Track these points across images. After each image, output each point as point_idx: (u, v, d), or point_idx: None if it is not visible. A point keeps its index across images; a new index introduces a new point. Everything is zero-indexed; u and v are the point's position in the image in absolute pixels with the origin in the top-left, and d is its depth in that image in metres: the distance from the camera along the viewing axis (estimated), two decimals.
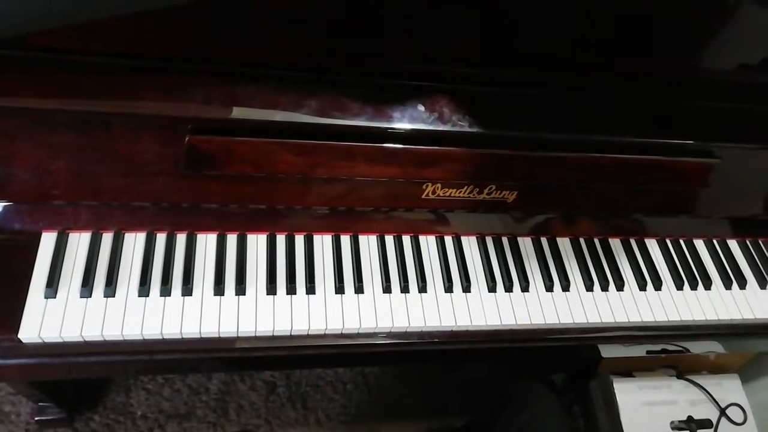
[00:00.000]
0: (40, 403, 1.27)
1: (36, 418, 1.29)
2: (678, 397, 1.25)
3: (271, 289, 0.83)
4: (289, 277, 0.84)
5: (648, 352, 1.27)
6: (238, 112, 0.76)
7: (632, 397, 1.23)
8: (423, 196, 0.87)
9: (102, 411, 1.35)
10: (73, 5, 0.58)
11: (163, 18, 0.69)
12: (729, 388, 1.27)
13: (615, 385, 1.24)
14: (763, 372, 1.32)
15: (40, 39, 0.69)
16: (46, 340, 0.75)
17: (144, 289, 0.80)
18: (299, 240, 0.88)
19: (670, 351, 1.29)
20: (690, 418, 1.23)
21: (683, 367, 1.29)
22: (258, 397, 1.43)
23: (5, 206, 0.79)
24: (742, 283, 0.99)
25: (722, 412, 1.24)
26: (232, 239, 0.86)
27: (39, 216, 0.81)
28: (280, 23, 0.73)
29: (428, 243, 0.92)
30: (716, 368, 1.30)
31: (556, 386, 1.46)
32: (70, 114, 0.73)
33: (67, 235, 0.81)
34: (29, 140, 0.74)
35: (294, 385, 1.46)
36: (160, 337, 0.78)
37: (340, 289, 0.85)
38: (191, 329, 0.78)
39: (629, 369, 1.28)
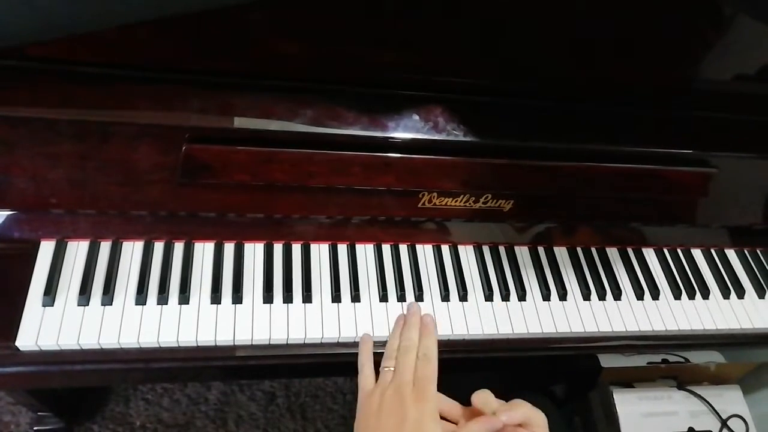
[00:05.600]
0: (39, 413, 1.27)
1: (35, 428, 1.29)
2: (678, 408, 1.24)
3: (268, 297, 0.83)
4: (285, 286, 0.84)
5: (648, 362, 1.27)
6: (234, 122, 0.77)
7: (632, 408, 1.23)
8: (419, 205, 0.87)
9: (101, 421, 1.35)
10: (71, 17, 0.59)
11: (160, 29, 0.70)
12: (730, 399, 1.26)
13: (615, 396, 1.23)
14: (765, 383, 1.31)
15: (39, 49, 0.70)
16: (43, 348, 0.75)
17: (141, 297, 0.80)
18: (296, 249, 0.88)
19: (670, 361, 1.28)
20: (691, 429, 1.22)
21: (684, 378, 1.28)
22: (257, 408, 1.42)
23: (4, 215, 0.80)
24: (741, 293, 0.99)
25: (724, 423, 1.23)
26: (229, 248, 0.87)
27: (37, 224, 0.81)
28: (276, 33, 0.74)
29: (425, 252, 0.93)
30: (717, 379, 1.30)
31: (556, 397, 1.45)
32: (68, 123, 0.74)
33: (66, 244, 0.82)
34: (27, 149, 0.74)
35: (293, 396, 1.45)
36: (157, 346, 0.79)
37: (336, 297, 0.85)
38: (188, 337, 0.79)
39: (629, 379, 1.27)
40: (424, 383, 0.65)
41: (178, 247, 0.85)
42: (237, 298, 0.82)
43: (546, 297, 0.92)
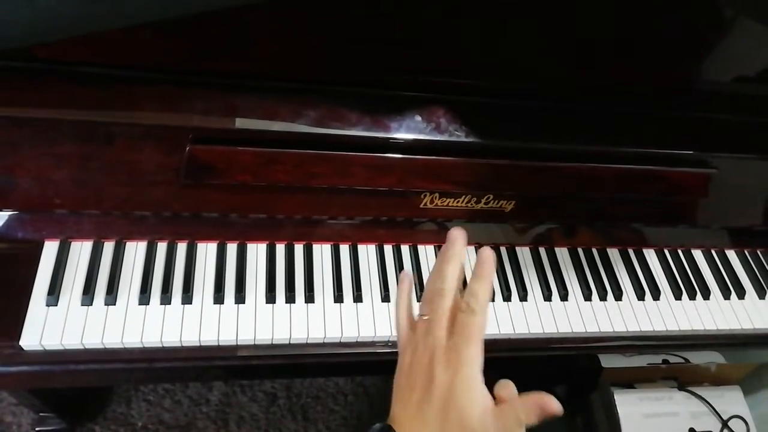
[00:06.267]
0: (41, 414, 1.28)
1: (37, 429, 1.29)
2: (679, 409, 1.24)
3: (270, 297, 0.84)
4: (288, 286, 0.85)
5: (648, 363, 1.27)
6: (237, 122, 0.77)
7: (633, 409, 1.23)
8: (421, 206, 0.88)
9: (102, 422, 1.35)
10: (75, 18, 0.59)
11: (164, 30, 0.71)
12: (731, 400, 1.27)
13: (616, 397, 1.23)
14: (765, 384, 1.31)
15: (44, 50, 0.70)
16: (47, 348, 0.76)
17: (144, 297, 0.80)
18: (298, 249, 0.89)
19: (670, 362, 1.28)
20: (692, 430, 1.22)
21: (684, 379, 1.28)
22: (258, 409, 1.43)
23: (8, 215, 0.80)
24: (741, 293, 0.99)
25: (724, 424, 1.23)
26: (232, 248, 0.87)
27: (41, 225, 0.82)
28: (279, 35, 0.75)
29: (427, 252, 0.93)
30: (718, 380, 1.30)
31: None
32: (73, 124, 0.74)
33: (69, 244, 0.82)
34: (32, 150, 0.75)
35: (294, 397, 1.46)
36: (160, 345, 0.79)
37: (338, 298, 0.86)
38: (191, 337, 0.79)
39: (630, 380, 1.27)
40: (459, 341, 0.50)
41: (181, 248, 0.86)
42: (240, 298, 0.82)
43: (547, 297, 0.92)
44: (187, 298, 0.81)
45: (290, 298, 0.84)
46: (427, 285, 0.56)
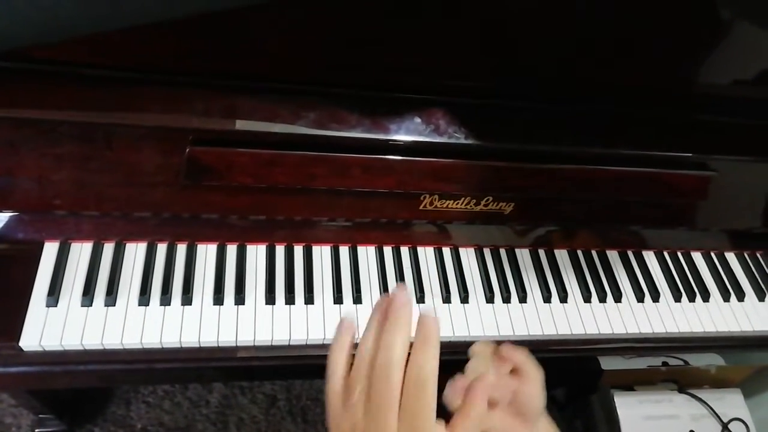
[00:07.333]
0: (40, 415, 1.28)
1: (36, 430, 1.29)
2: (679, 412, 1.24)
3: (270, 299, 0.84)
4: (288, 288, 0.85)
5: (648, 365, 1.27)
6: (237, 124, 0.77)
7: (633, 411, 1.23)
8: (420, 208, 0.88)
9: (102, 423, 1.35)
10: (76, 19, 0.59)
11: (164, 31, 0.71)
12: (731, 403, 1.27)
13: (616, 399, 1.23)
14: (766, 386, 1.31)
15: (44, 52, 0.71)
16: (46, 349, 0.76)
17: (144, 298, 0.80)
18: (298, 250, 0.89)
19: (670, 364, 1.28)
20: None
21: (684, 381, 1.28)
22: (258, 411, 1.43)
23: (8, 216, 0.80)
24: (741, 296, 0.99)
25: (725, 427, 1.23)
26: (231, 249, 0.87)
27: (41, 226, 0.82)
28: (278, 36, 0.75)
29: (426, 254, 0.93)
30: (718, 382, 1.30)
31: (556, 400, 1.45)
32: (73, 125, 0.74)
33: (69, 245, 0.83)
34: (33, 151, 0.75)
35: (294, 399, 1.46)
36: (160, 346, 0.79)
37: (338, 299, 0.86)
38: (190, 338, 0.79)
39: (630, 382, 1.27)
40: (413, 425, 0.42)
41: (181, 249, 0.86)
42: (239, 299, 0.83)
43: (547, 299, 0.92)
44: (187, 299, 0.81)
45: (290, 300, 0.84)
46: (368, 351, 0.45)
